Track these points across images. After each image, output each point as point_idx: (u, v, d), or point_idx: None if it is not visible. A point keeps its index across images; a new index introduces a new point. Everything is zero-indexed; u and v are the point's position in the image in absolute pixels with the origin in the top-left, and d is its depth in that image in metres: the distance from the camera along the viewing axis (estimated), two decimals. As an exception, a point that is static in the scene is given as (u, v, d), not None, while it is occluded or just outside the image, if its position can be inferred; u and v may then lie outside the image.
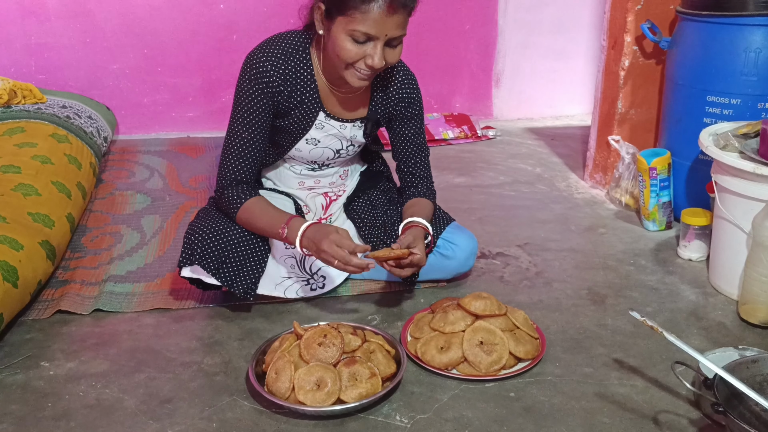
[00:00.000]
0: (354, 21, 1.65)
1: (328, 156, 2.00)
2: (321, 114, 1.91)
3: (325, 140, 1.95)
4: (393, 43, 1.72)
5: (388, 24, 1.66)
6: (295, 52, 1.84)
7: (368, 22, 1.65)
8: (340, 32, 1.69)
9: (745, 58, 2.24)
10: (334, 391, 1.52)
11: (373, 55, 1.69)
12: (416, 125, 2.02)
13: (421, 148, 2.04)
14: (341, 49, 1.70)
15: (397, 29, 1.69)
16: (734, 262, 1.97)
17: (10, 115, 2.85)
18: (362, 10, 1.64)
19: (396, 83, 1.94)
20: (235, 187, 1.88)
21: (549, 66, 4.08)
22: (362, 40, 1.68)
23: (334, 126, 1.94)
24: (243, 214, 1.85)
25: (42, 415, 1.54)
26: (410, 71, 1.98)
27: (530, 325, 1.78)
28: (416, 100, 1.98)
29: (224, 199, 1.89)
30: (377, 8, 1.64)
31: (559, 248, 2.38)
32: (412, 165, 2.04)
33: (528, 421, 1.52)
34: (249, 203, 1.85)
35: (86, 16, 3.51)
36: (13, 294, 1.77)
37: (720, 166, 1.98)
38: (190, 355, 1.76)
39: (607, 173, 2.86)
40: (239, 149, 1.87)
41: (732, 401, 1.43)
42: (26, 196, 2.16)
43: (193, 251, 1.84)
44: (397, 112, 1.97)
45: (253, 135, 1.86)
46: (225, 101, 3.75)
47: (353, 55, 1.70)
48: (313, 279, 2.01)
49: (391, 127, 2.02)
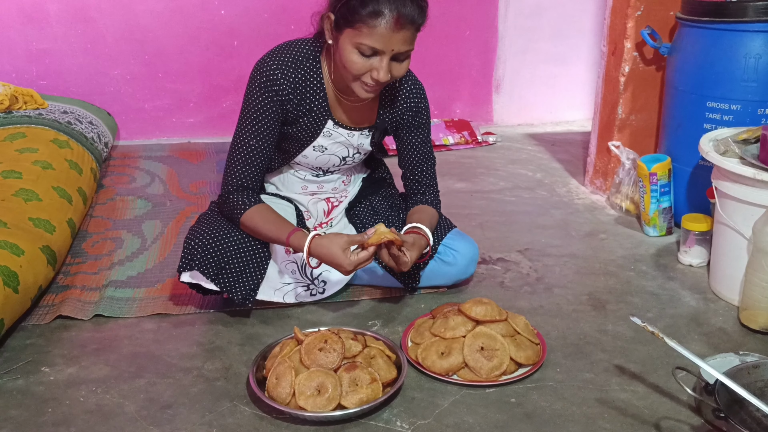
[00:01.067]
0: (361, 34, 1.66)
1: (334, 163, 2.00)
2: (329, 122, 1.91)
3: (332, 147, 1.95)
4: (400, 58, 1.72)
5: (394, 39, 1.66)
6: (305, 60, 1.85)
7: (375, 37, 1.65)
8: (347, 44, 1.69)
9: (745, 64, 2.24)
10: (334, 396, 1.52)
11: (379, 69, 1.69)
12: (423, 134, 2.02)
13: (428, 156, 2.04)
14: (348, 61, 1.71)
15: (403, 44, 1.69)
16: (735, 267, 1.97)
17: (12, 120, 2.86)
18: (370, 24, 1.64)
19: (404, 92, 1.95)
20: (240, 192, 1.88)
21: (549, 72, 4.09)
22: (368, 54, 1.69)
23: (341, 134, 1.94)
24: (246, 220, 1.86)
25: (42, 420, 1.54)
26: (418, 81, 1.99)
27: (531, 331, 1.78)
28: (423, 110, 1.99)
29: (228, 204, 1.89)
30: (384, 23, 1.64)
31: (560, 254, 2.38)
32: (419, 173, 2.04)
33: (529, 426, 1.52)
34: (252, 210, 1.86)
35: (87, 22, 3.52)
36: (13, 299, 1.77)
37: (720, 172, 1.99)
38: (191, 361, 1.76)
39: (608, 179, 2.86)
40: (246, 156, 1.87)
41: (733, 407, 1.43)
42: (27, 202, 2.17)
43: (193, 256, 1.84)
44: (405, 120, 1.98)
45: (261, 142, 1.86)
46: (226, 107, 3.76)
47: (359, 67, 1.70)
48: (313, 284, 2.01)
49: (398, 135, 2.02)
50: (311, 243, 1.76)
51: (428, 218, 1.97)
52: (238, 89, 3.73)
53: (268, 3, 3.61)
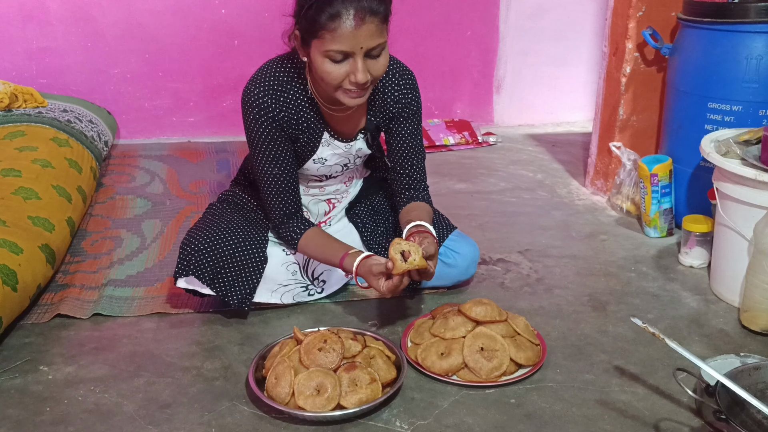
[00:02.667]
0: (326, 41, 1.61)
1: (336, 171, 1.99)
2: (325, 134, 1.89)
3: (332, 159, 1.94)
4: (373, 54, 1.65)
5: (360, 36, 1.60)
6: (290, 81, 1.81)
7: (340, 40, 1.60)
8: (318, 56, 1.64)
9: (747, 65, 2.24)
10: (334, 396, 1.52)
11: (355, 72, 1.64)
12: (413, 125, 1.95)
13: (418, 150, 1.98)
14: (323, 72, 1.66)
15: (371, 39, 1.62)
16: (736, 269, 1.96)
17: (11, 118, 2.85)
18: (331, 28, 1.59)
19: (391, 85, 1.89)
20: (287, 222, 1.91)
21: (550, 73, 4.08)
22: (339, 59, 1.63)
23: (339, 146, 1.93)
24: (301, 249, 1.91)
25: (40, 419, 1.54)
26: (408, 70, 1.93)
27: (531, 332, 1.77)
28: (413, 100, 1.92)
29: (282, 236, 1.93)
30: (345, 24, 1.58)
31: (560, 255, 2.37)
32: (408, 167, 1.97)
33: (529, 427, 1.52)
34: (304, 239, 1.89)
35: (88, 20, 3.51)
36: (12, 298, 1.77)
37: (721, 173, 1.98)
38: (190, 360, 1.76)
39: (609, 180, 2.86)
40: (276, 186, 1.87)
41: (734, 409, 1.43)
42: (26, 200, 2.16)
43: (189, 262, 1.83)
44: (395, 112, 1.92)
45: (283, 168, 1.86)
46: (226, 106, 3.76)
47: (336, 75, 1.65)
48: (312, 285, 2.01)
49: (389, 129, 1.96)
50: (358, 265, 1.77)
51: (428, 216, 1.93)
52: (238, 88, 3.67)
53: (268, 2, 3.60)
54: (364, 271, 1.76)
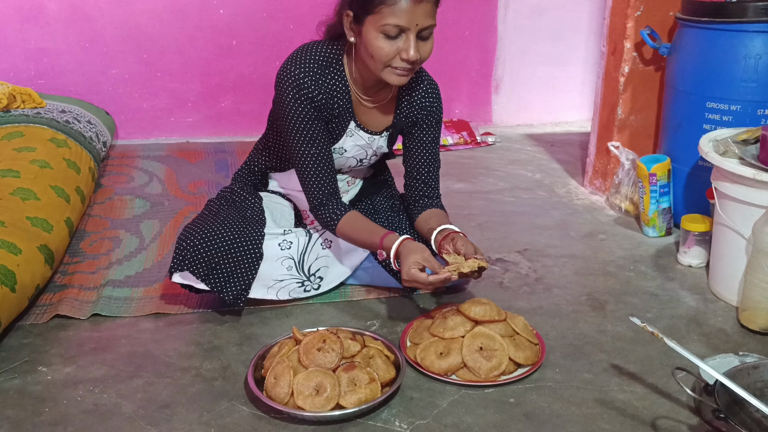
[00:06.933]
0: (384, 16, 1.66)
1: (350, 165, 2.01)
2: (352, 123, 1.92)
3: (351, 150, 1.96)
4: (424, 35, 1.72)
5: (417, 13, 1.67)
6: (329, 64, 1.85)
7: (398, 14, 1.66)
8: (372, 31, 1.70)
9: (745, 64, 2.24)
10: (333, 396, 1.51)
11: (407, 48, 1.69)
12: (433, 133, 2.00)
13: (435, 158, 2.02)
14: (375, 48, 1.70)
15: (426, 18, 1.69)
16: (734, 268, 1.96)
17: (9, 119, 2.85)
18: (390, 2, 1.65)
19: (420, 91, 1.95)
20: (327, 204, 1.90)
21: (548, 72, 4.09)
22: (394, 34, 1.69)
23: (362, 137, 1.95)
24: (340, 232, 1.89)
25: (39, 420, 1.54)
26: (434, 82, 1.99)
27: (530, 331, 1.77)
28: (437, 110, 1.98)
29: (321, 218, 1.92)
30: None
31: (559, 254, 2.37)
32: (425, 174, 2.01)
33: (528, 427, 1.52)
34: (344, 221, 1.88)
35: (86, 21, 3.51)
36: (10, 298, 1.77)
37: (720, 172, 1.98)
38: (189, 360, 1.76)
39: (607, 179, 2.86)
40: (315, 166, 1.87)
41: (733, 408, 1.43)
42: (25, 201, 2.16)
43: (184, 257, 1.83)
44: (419, 118, 1.97)
45: (319, 147, 1.86)
46: (224, 106, 3.75)
47: (387, 51, 1.70)
48: (309, 281, 2.01)
49: (410, 133, 2.00)
50: (400, 244, 1.77)
51: (447, 221, 1.96)
52: (236, 89, 3.73)
53: (266, 2, 3.60)
54: (406, 250, 1.75)
